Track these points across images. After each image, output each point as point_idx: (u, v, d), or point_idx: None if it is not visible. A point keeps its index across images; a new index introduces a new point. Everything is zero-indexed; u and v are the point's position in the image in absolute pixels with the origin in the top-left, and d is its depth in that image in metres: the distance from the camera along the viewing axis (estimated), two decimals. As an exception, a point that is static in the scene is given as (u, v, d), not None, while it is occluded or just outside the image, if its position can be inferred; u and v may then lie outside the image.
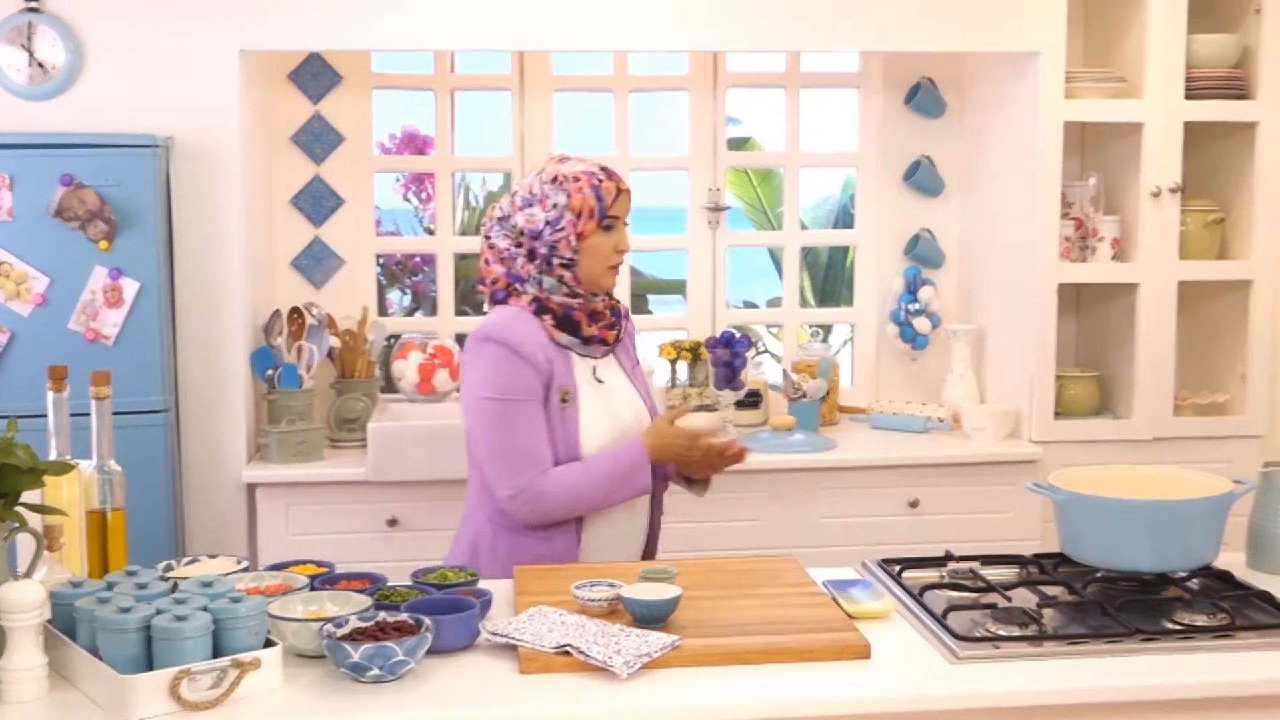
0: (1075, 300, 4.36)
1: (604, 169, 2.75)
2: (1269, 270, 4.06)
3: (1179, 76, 3.96)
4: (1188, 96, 3.97)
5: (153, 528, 3.58)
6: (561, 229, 2.67)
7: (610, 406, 2.77)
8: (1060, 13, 3.91)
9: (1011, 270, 4.14)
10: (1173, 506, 2.42)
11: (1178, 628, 2.24)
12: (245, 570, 2.35)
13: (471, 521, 2.78)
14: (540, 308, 2.70)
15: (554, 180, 2.71)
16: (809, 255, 6.74)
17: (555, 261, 2.69)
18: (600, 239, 2.70)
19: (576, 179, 2.70)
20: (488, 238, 2.76)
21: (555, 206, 2.68)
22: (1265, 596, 2.37)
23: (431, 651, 2.06)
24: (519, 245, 2.71)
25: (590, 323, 2.75)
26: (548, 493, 2.62)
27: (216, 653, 1.94)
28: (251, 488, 3.76)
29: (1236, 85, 4.01)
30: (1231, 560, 2.60)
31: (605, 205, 2.70)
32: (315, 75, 4.21)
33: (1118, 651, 2.15)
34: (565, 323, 2.71)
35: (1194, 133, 4.02)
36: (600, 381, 2.77)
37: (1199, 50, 3.99)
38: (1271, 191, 4.04)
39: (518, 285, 2.72)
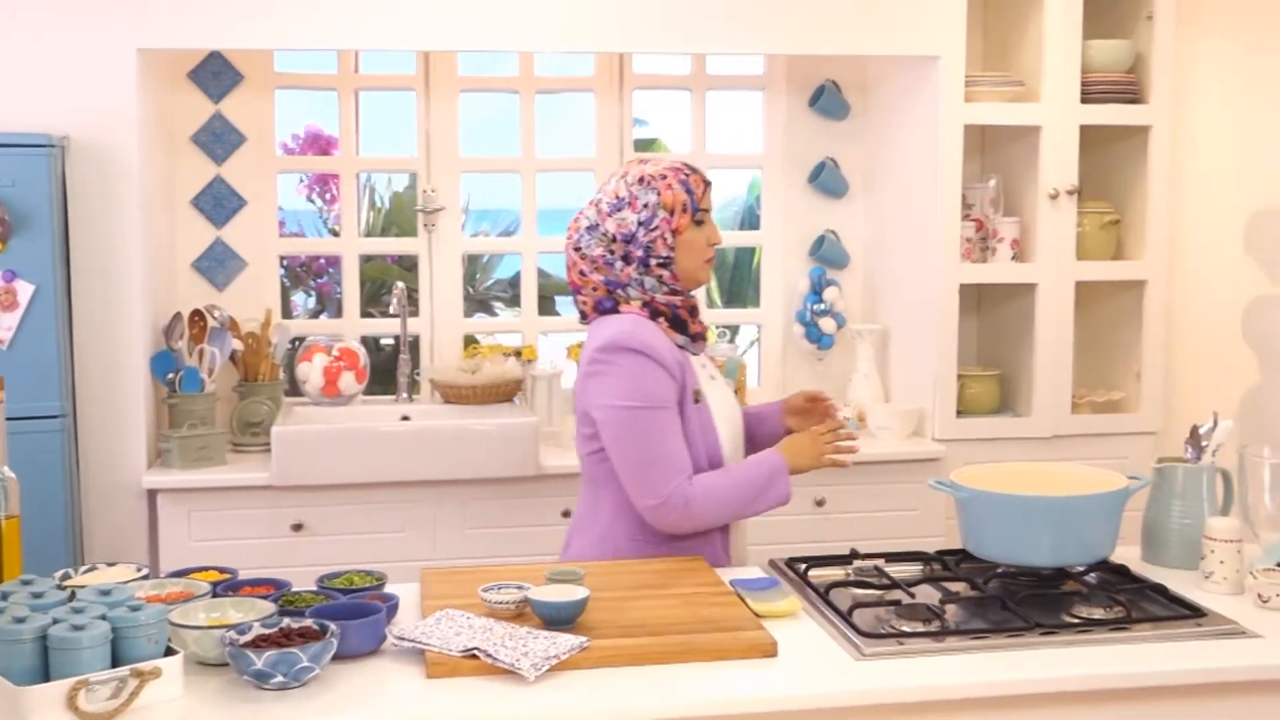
0: (976, 300, 4.43)
1: (686, 164, 2.73)
2: (1162, 270, 4.16)
3: (1075, 81, 4.04)
4: (1083, 100, 4.06)
5: (50, 536, 3.50)
6: (655, 228, 2.65)
7: (724, 402, 2.78)
8: (959, 18, 3.98)
9: (914, 271, 4.20)
10: (1071, 503, 2.47)
11: (1076, 621, 2.29)
12: (145, 578, 2.31)
13: (610, 540, 2.70)
14: (653, 311, 2.68)
15: (641, 180, 2.67)
16: (715, 256, 6.78)
17: (653, 261, 2.66)
18: (694, 233, 2.69)
19: (664, 176, 2.67)
20: (578, 249, 2.71)
21: (646, 206, 2.65)
22: (1159, 589, 2.44)
23: (337, 657, 2.04)
24: (612, 251, 2.67)
25: (692, 319, 2.74)
26: (695, 498, 2.57)
27: (116, 662, 1.90)
28: (152, 494, 3.70)
29: (1130, 90, 4.11)
30: (1127, 554, 2.66)
31: (696, 199, 2.68)
32: (216, 74, 4.15)
33: (1018, 645, 2.19)
34: (675, 322, 2.70)
35: (1090, 136, 4.10)
36: (712, 378, 2.79)
37: (1094, 55, 4.08)
38: (1164, 194, 4.14)
39: (621, 291, 2.69)
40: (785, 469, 2.67)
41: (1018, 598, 2.38)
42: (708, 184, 2.74)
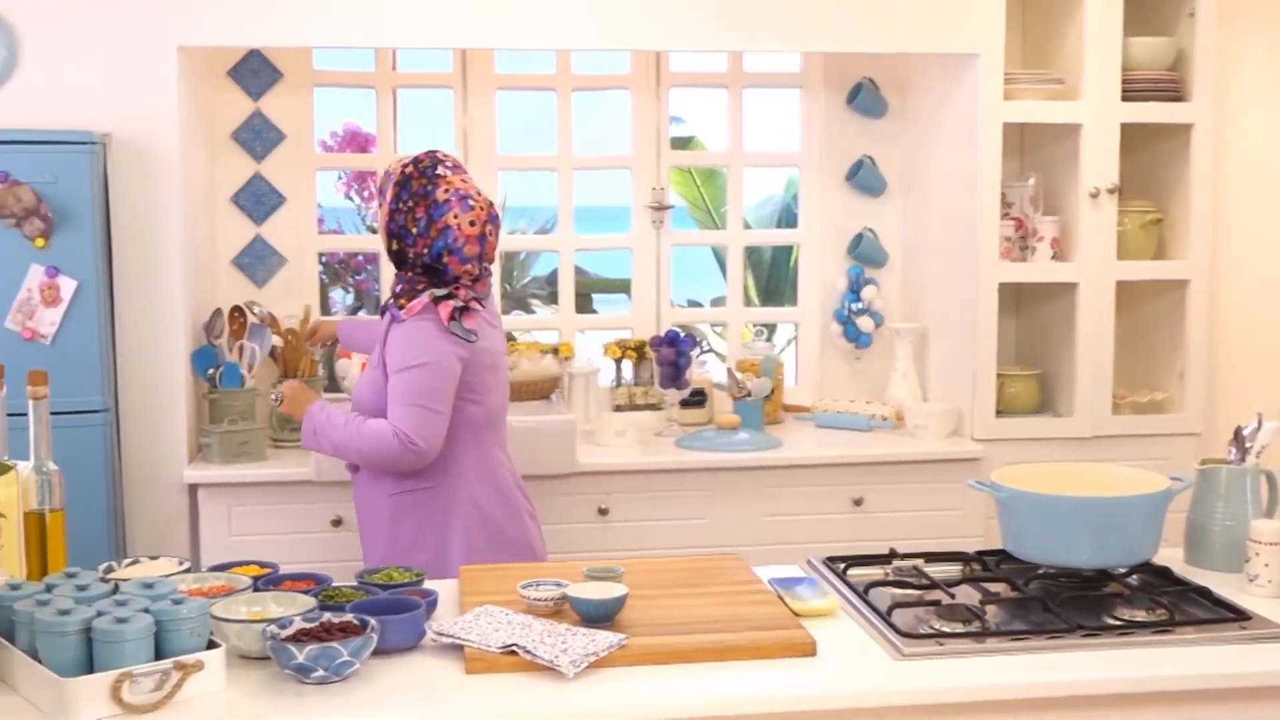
0: (1016, 299, 4.40)
1: None
2: (1205, 270, 4.13)
3: (1115, 79, 4.01)
4: (1124, 98, 4.02)
5: (93, 529, 3.53)
6: None
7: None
8: (999, 15, 3.95)
9: (953, 269, 4.17)
10: (1112, 504, 2.45)
11: (1118, 623, 2.27)
12: (187, 571, 2.33)
13: None
14: None
15: None
16: (753, 254, 6.77)
17: None
18: None
19: None
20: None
21: None
22: (1203, 592, 2.41)
23: (377, 652, 2.05)
24: None
25: None
26: None
27: (159, 655, 1.92)
28: (193, 488, 3.72)
29: (1172, 87, 4.07)
30: (1170, 556, 2.64)
31: None
32: (255, 72, 4.17)
33: (1059, 647, 2.18)
34: None
35: (1131, 134, 4.07)
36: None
37: (1135, 53, 4.04)
38: (1206, 192, 4.10)
39: None
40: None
41: (1059, 599, 2.36)
42: None
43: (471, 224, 2.91)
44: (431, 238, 2.92)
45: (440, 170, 2.97)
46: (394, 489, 2.96)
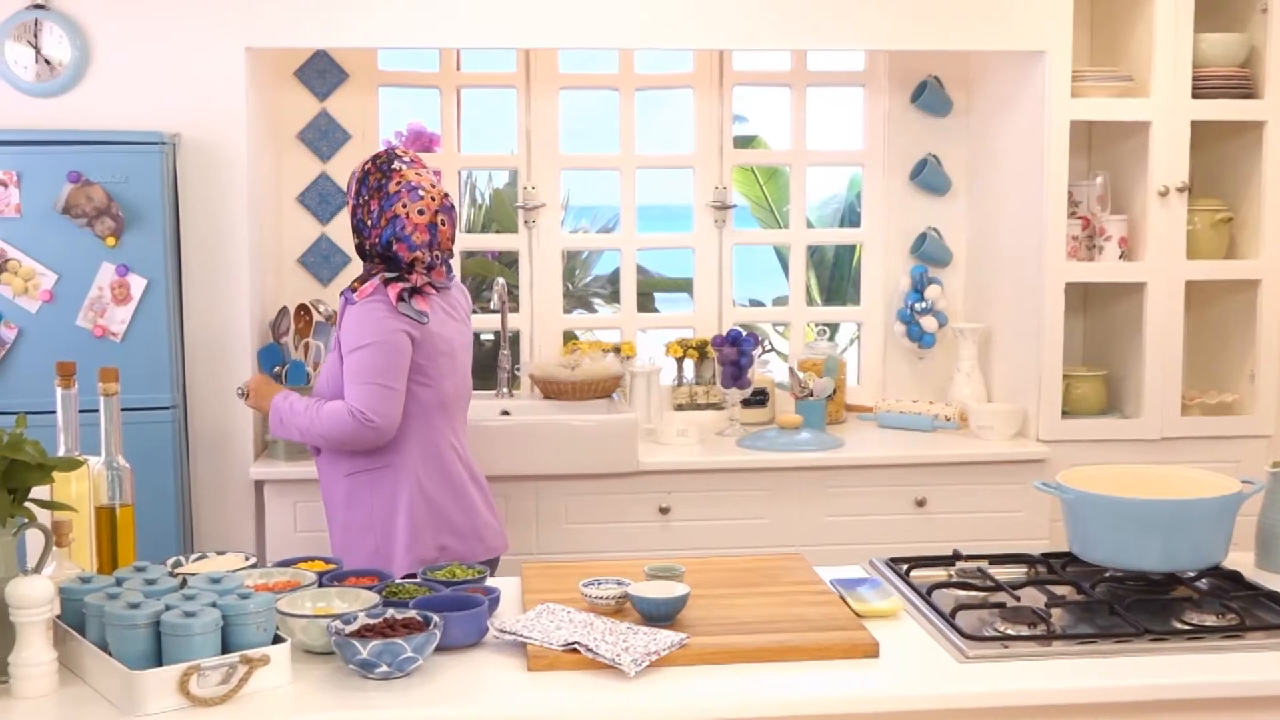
0: (1082, 299, 4.35)
1: None
2: (1277, 270, 4.05)
3: (1186, 75, 3.95)
4: (1195, 95, 3.97)
5: (161, 524, 3.58)
6: None
7: None
8: (1066, 12, 3.91)
9: (1019, 269, 4.13)
10: (1181, 506, 2.42)
11: (1186, 628, 2.24)
12: (254, 567, 2.35)
13: None
14: None
15: None
16: (815, 254, 6.74)
17: None
18: None
19: None
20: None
21: None
22: (1274, 596, 2.37)
23: (440, 648, 2.06)
24: None
25: None
26: None
27: (225, 649, 1.94)
28: (259, 485, 3.76)
29: (1244, 84, 4.01)
30: (1240, 560, 2.60)
31: None
32: (322, 73, 4.21)
33: (1127, 651, 2.15)
34: None
35: (1201, 132, 4.01)
36: None
37: (1206, 49, 3.98)
38: (1278, 191, 4.03)
39: None
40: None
41: (1126, 603, 2.33)
42: None
43: (420, 213, 3.00)
44: (381, 227, 3.01)
45: (396, 165, 3.07)
46: (348, 469, 3.03)
